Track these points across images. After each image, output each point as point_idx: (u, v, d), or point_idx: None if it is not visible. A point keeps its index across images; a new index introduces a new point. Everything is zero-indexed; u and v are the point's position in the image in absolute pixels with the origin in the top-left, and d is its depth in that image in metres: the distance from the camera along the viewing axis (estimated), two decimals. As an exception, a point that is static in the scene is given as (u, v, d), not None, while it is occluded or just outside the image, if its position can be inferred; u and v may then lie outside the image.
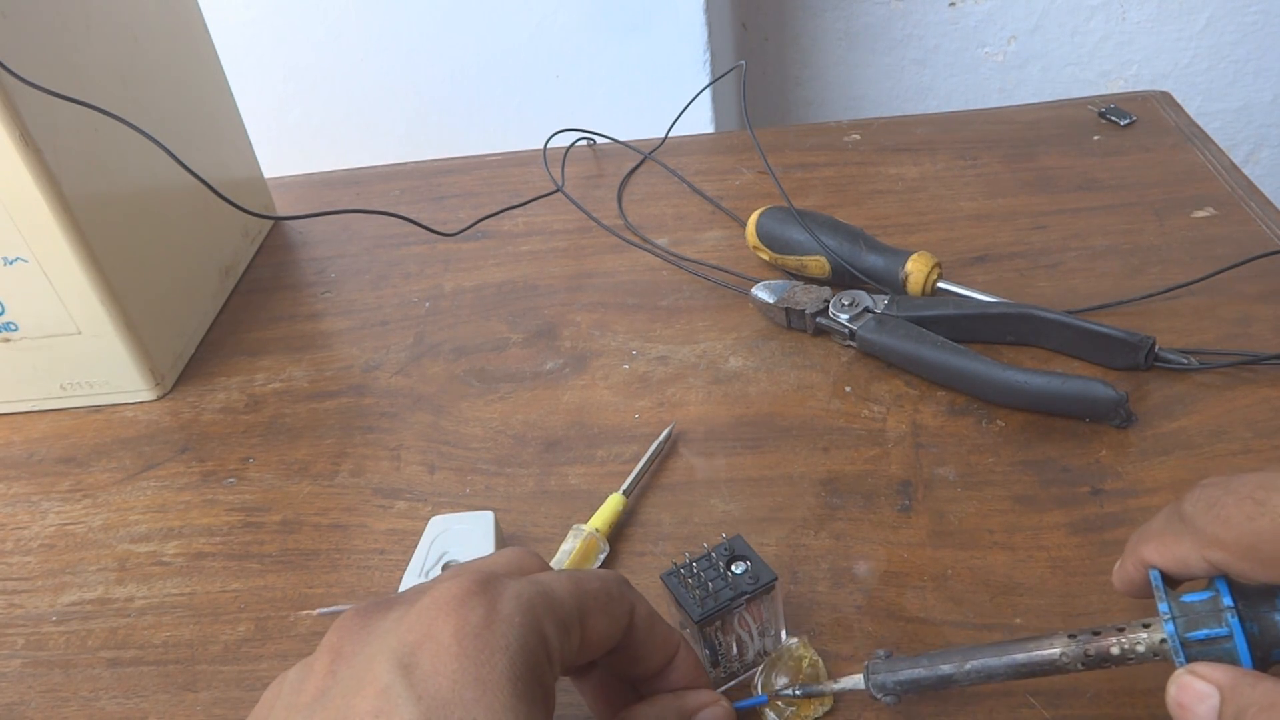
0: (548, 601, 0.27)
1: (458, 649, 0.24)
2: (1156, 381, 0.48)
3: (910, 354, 0.50)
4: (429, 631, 0.25)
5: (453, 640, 0.25)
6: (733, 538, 0.37)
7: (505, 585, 0.27)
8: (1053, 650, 0.31)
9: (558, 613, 0.27)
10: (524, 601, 0.26)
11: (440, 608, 0.25)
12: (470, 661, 0.24)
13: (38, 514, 0.52)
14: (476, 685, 0.24)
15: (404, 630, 0.25)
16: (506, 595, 0.26)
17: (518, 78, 1.04)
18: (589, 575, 0.30)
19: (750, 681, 0.37)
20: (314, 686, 0.26)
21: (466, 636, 0.25)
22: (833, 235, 0.57)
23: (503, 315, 0.61)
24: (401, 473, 0.51)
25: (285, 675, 0.28)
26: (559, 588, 0.28)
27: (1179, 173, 0.64)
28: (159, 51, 0.61)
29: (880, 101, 1.26)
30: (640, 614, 0.31)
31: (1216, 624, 0.29)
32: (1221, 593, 0.29)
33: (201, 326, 0.63)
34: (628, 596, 0.31)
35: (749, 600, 0.35)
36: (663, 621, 0.32)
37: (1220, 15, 1.16)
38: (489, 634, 0.25)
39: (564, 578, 0.29)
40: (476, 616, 0.25)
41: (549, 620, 0.27)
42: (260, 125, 0.76)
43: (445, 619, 0.25)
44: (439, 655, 0.24)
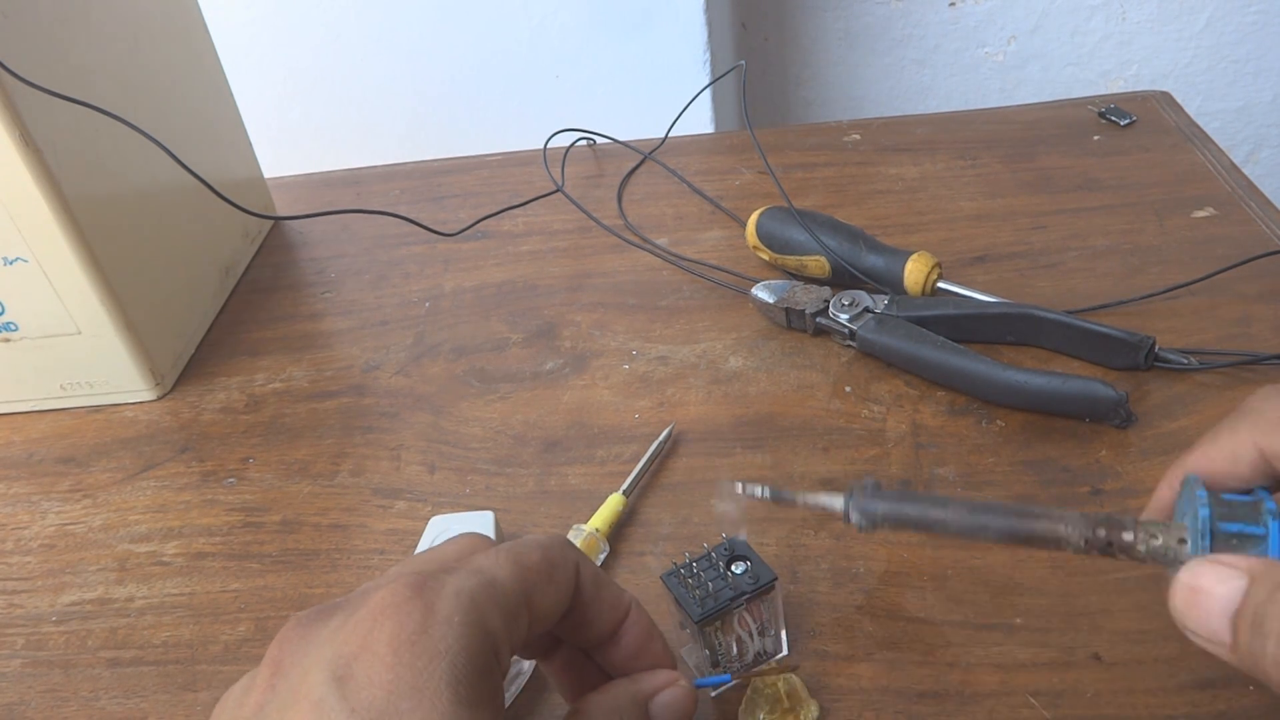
0: (490, 592, 0.26)
1: (393, 658, 0.24)
2: (1156, 381, 0.48)
3: (910, 354, 0.50)
4: (365, 641, 0.24)
5: (388, 649, 0.24)
6: (733, 537, 0.37)
7: (444, 583, 0.26)
8: (1058, 524, 0.29)
9: (502, 601, 0.27)
10: (464, 599, 0.26)
11: (376, 614, 0.25)
12: (406, 670, 0.24)
13: (38, 514, 0.52)
14: (413, 694, 0.23)
15: (340, 641, 0.25)
16: (445, 594, 0.26)
17: (518, 78, 1.04)
18: (528, 547, 0.29)
19: (747, 682, 0.37)
20: (254, 701, 0.25)
21: (402, 644, 0.24)
22: (833, 235, 0.57)
23: (503, 315, 0.61)
24: (401, 473, 0.51)
25: (231, 689, 0.27)
26: (502, 572, 0.27)
27: (1179, 173, 0.64)
28: (159, 51, 0.61)
29: (880, 101, 1.26)
30: (585, 574, 0.30)
31: (1255, 522, 0.26)
32: (1265, 498, 0.27)
33: (201, 326, 0.63)
34: (570, 558, 0.30)
35: (749, 600, 0.35)
36: (610, 584, 0.31)
37: (1220, 15, 1.16)
38: (426, 639, 0.24)
39: (505, 558, 0.28)
40: (413, 622, 0.24)
41: (493, 612, 0.26)
42: (260, 125, 0.76)
43: (381, 626, 0.24)
44: (373, 665, 0.24)
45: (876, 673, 0.37)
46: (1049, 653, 0.37)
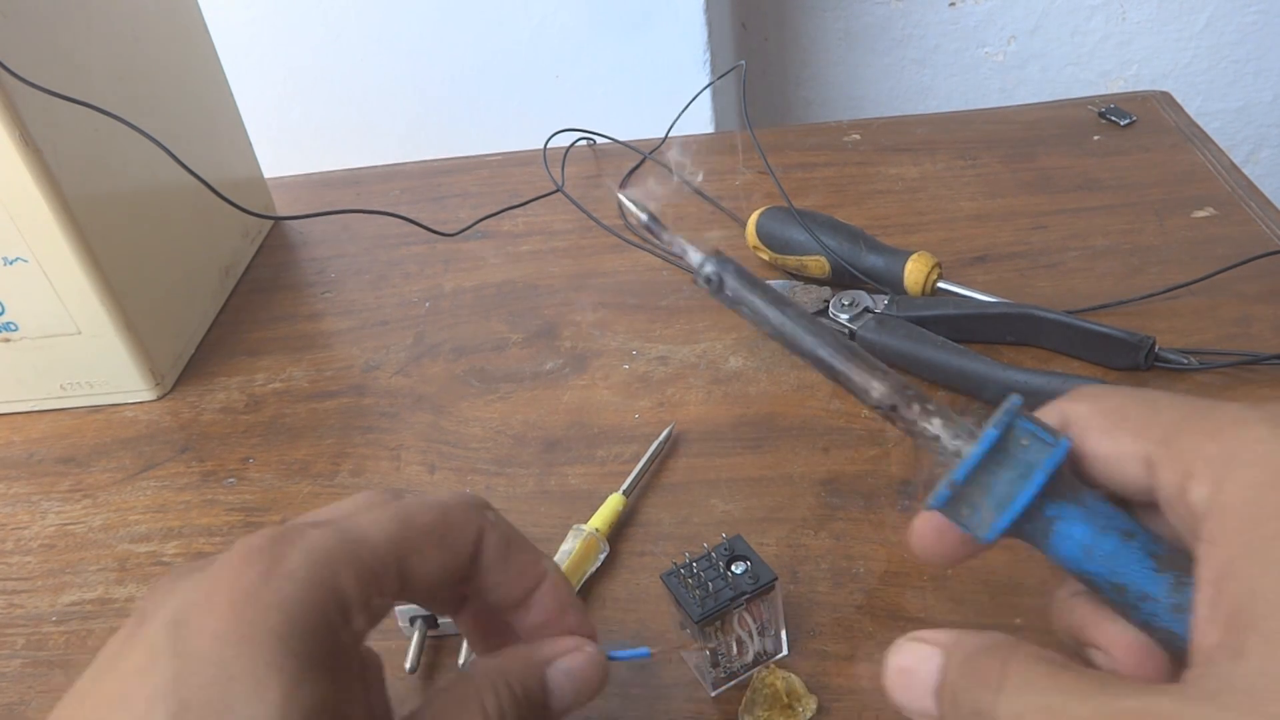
0: (350, 550, 0.26)
1: (228, 608, 0.24)
2: (1156, 381, 0.48)
3: (910, 354, 0.50)
4: (208, 590, 0.25)
5: (224, 598, 0.24)
6: (733, 538, 0.37)
7: (301, 537, 0.26)
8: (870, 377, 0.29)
9: (363, 560, 0.26)
10: (316, 554, 0.25)
11: (225, 565, 0.25)
12: (237, 619, 0.24)
13: (38, 514, 0.52)
14: (240, 644, 0.23)
15: (189, 589, 0.25)
16: (297, 548, 0.25)
17: (518, 78, 1.04)
18: (424, 507, 0.28)
19: (747, 682, 0.37)
20: (111, 650, 0.26)
21: (239, 594, 0.24)
22: (833, 235, 0.57)
23: (503, 315, 0.61)
24: (401, 473, 0.51)
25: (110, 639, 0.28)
26: (375, 530, 0.27)
27: (1179, 173, 0.64)
28: (159, 51, 0.61)
29: (880, 101, 1.26)
30: (491, 541, 0.29)
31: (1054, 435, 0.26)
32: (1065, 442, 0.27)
33: (201, 326, 0.63)
34: (474, 523, 0.29)
35: (749, 600, 0.35)
36: (525, 549, 0.31)
37: (1220, 15, 1.16)
38: (264, 590, 0.24)
39: (388, 515, 0.28)
40: (255, 572, 0.24)
41: (347, 570, 0.26)
42: (260, 125, 0.76)
43: (224, 577, 0.25)
44: (209, 614, 0.24)
45: (876, 673, 0.37)
46: (1049, 653, 0.37)
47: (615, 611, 0.41)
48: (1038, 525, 0.26)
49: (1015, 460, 0.26)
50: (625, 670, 0.39)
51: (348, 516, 0.28)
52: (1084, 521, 0.26)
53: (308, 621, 0.24)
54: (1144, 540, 0.26)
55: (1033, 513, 0.26)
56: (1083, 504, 0.26)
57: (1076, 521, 0.26)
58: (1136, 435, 0.26)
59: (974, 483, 0.27)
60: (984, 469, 0.27)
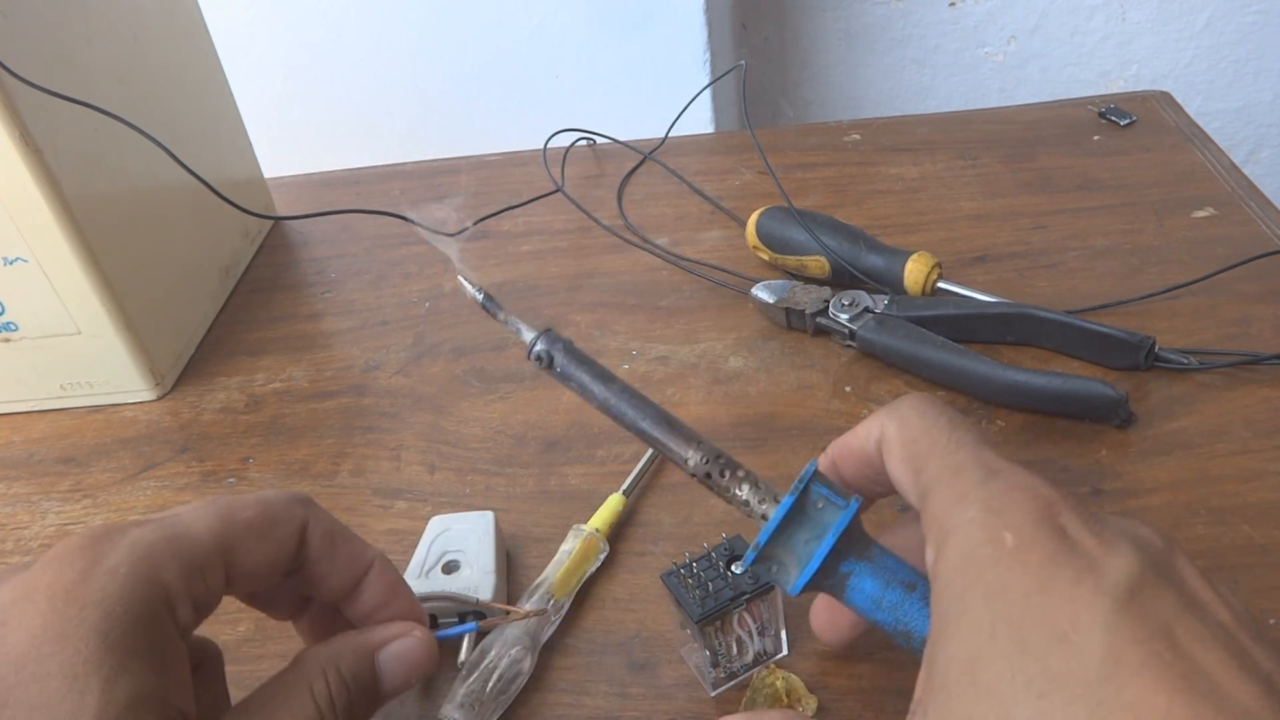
0: (171, 546, 0.27)
1: (46, 605, 0.24)
2: (1156, 381, 0.48)
3: (910, 354, 0.50)
4: (29, 588, 0.25)
5: (43, 596, 0.24)
6: (733, 537, 0.37)
7: (123, 534, 0.26)
8: (687, 447, 0.32)
9: (185, 555, 0.27)
10: (137, 550, 0.26)
11: (45, 566, 0.25)
12: (56, 616, 0.24)
13: (38, 514, 0.52)
14: (58, 640, 0.24)
15: (8, 590, 0.25)
16: (119, 546, 0.26)
17: (518, 78, 1.04)
18: (245, 502, 0.29)
19: (747, 682, 0.37)
20: None
21: (58, 592, 0.24)
22: (833, 235, 0.57)
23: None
24: (401, 473, 0.51)
25: None
26: (197, 525, 0.28)
27: (1179, 173, 0.64)
28: (159, 51, 0.61)
29: (880, 101, 1.26)
30: (315, 533, 0.30)
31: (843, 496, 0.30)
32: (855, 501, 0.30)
33: (201, 326, 0.63)
34: (297, 516, 0.30)
35: (749, 600, 0.35)
36: (350, 540, 0.31)
37: (1220, 15, 1.16)
38: (83, 588, 0.25)
39: (209, 511, 0.28)
40: (74, 571, 0.25)
41: (170, 566, 0.26)
42: (260, 125, 0.76)
43: (44, 575, 0.25)
44: (27, 611, 0.24)
45: (876, 673, 0.37)
46: None
47: (615, 611, 0.41)
48: (834, 580, 0.29)
49: (812, 521, 0.30)
50: (625, 670, 0.39)
51: (171, 514, 0.28)
52: (872, 576, 0.29)
53: (129, 615, 0.25)
54: (923, 590, 0.29)
55: (828, 569, 0.29)
56: (871, 559, 0.29)
57: (866, 576, 0.29)
58: (915, 476, 0.29)
59: (777, 544, 0.30)
60: (784, 531, 0.30)
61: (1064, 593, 0.23)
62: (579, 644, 0.40)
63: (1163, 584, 0.24)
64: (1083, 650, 0.22)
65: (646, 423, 0.32)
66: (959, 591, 0.25)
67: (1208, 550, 0.40)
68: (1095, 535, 0.25)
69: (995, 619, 0.23)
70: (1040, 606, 0.23)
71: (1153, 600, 0.23)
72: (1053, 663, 0.22)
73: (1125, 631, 0.22)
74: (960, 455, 0.28)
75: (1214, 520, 0.41)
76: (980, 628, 0.24)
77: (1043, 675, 0.22)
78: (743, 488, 0.31)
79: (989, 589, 0.24)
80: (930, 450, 0.29)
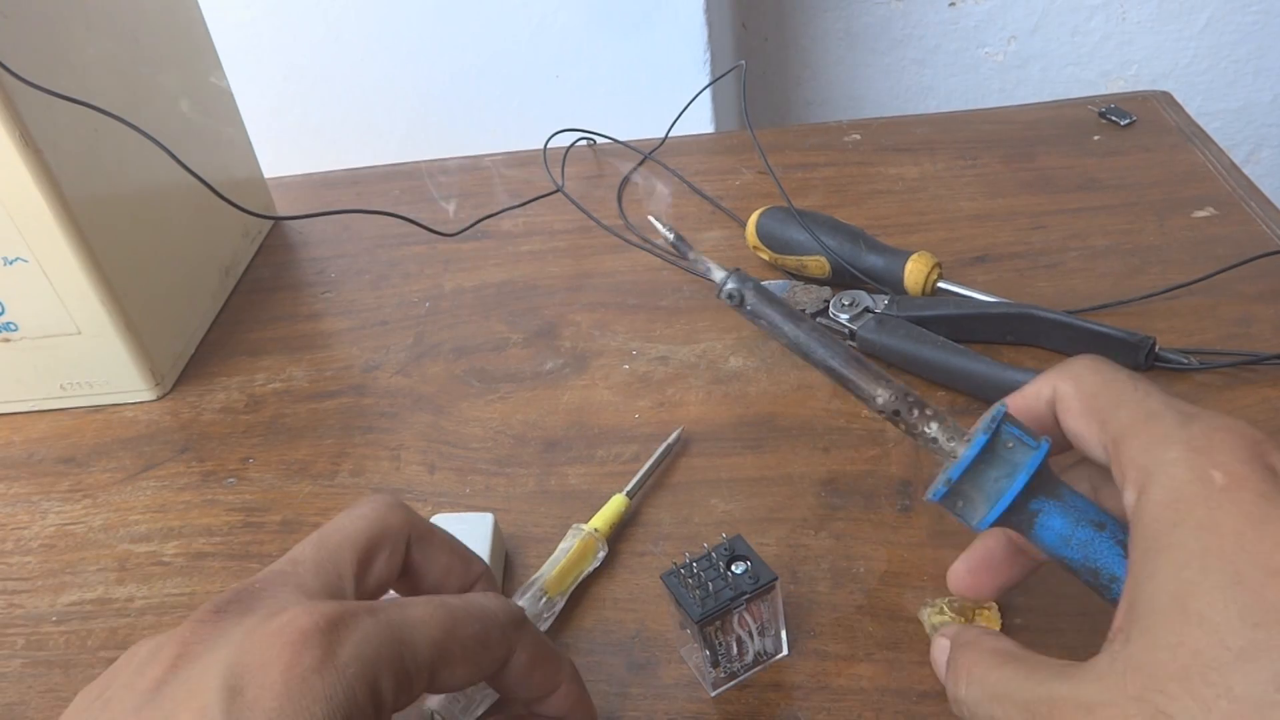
0: (396, 651, 0.27)
1: (283, 688, 0.25)
2: (1157, 382, 0.48)
3: (910, 354, 0.50)
4: (264, 660, 0.25)
5: (280, 678, 0.25)
6: (733, 538, 0.37)
7: (355, 627, 0.26)
8: (875, 385, 0.32)
9: (403, 664, 0.27)
10: (368, 650, 0.26)
11: (283, 638, 0.26)
12: (291, 705, 0.24)
13: (38, 514, 0.52)
14: None
15: (244, 650, 0.25)
16: (351, 640, 0.26)
17: (518, 78, 1.04)
18: (471, 616, 0.29)
19: (747, 683, 0.37)
20: (153, 676, 0.26)
21: (294, 678, 0.25)
22: (833, 235, 0.57)
23: (503, 315, 0.61)
24: (401, 473, 0.51)
25: (138, 648, 0.28)
26: (421, 633, 0.27)
27: (1179, 173, 0.64)
28: (159, 51, 0.61)
29: (880, 101, 1.26)
30: (519, 660, 0.30)
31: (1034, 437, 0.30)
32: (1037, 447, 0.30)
33: (201, 326, 0.63)
34: (508, 643, 0.30)
35: (749, 600, 0.35)
36: (548, 661, 0.31)
37: (1220, 15, 1.16)
38: (316, 679, 0.25)
39: (436, 616, 0.28)
40: (311, 658, 0.25)
41: (388, 674, 0.26)
42: (260, 125, 0.76)
43: (282, 652, 0.25)
44: (263, 690, 0.25)
45: (876, 673, 0.37)
46: (1050, 654, 0.37)
47: (615, 611, 0.41)
48: (1022, 517, 0.30)
49: (1002, 460, 0.30)
50: (625, 670, 0.39)
51: (400, 608, 0.28)
52: (1061, 514, 0.30)
53: (346, 716, 0.25)
54: (1113, 529, 0.29)
55: (1018, 506, 0.30)
56: (1060, 498, 0.30)
57: (1055, 514, 0.30)
58: (1101, 426, 0.29)
59: (967, 480, 0.30)
60: (975, 468, 0.30)
61: (1278, 531, 0.24)
62: (579, 644, 0.40)
63: None
64: None
65: (836, 360, 0.33)
66: (1167, 528, 0.25)
67: (1208, 550, 0.40)
68: None
69: (1207, 553, 0.24)
70: (1255, 542, 0.24)
71: None
72: (1269, 595, 0.23)
73: None
74: (1151, 402, 0.28)
75: (1214, 520, 0.41)
76: (1190, 561, 0.24)
77: (1258, 606, 0.23)
78: (931, 425, 0.31)
79: (1200, 525, 0.24)
80: (1117, 401, 0.29)
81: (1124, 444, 0.28)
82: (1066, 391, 0.31)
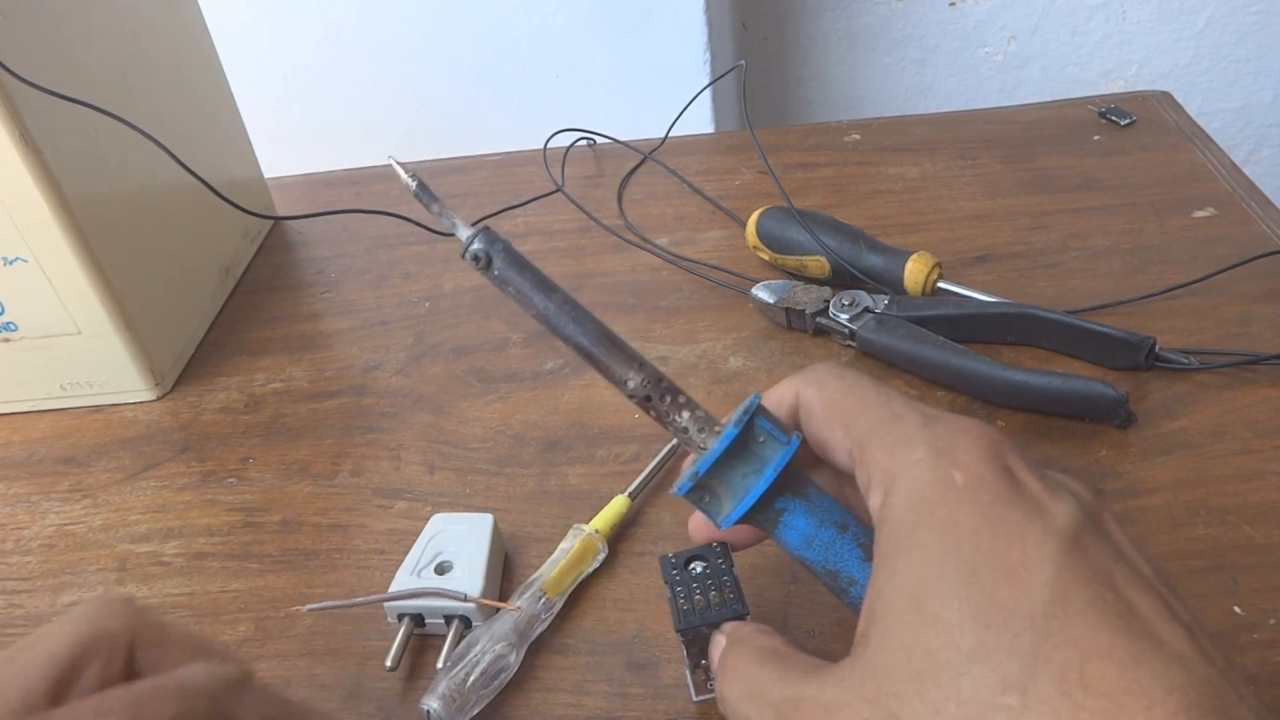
0: None
1: None
2: (1156, 381, 0.48)
3: (910, 354, 0.50)
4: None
5: None
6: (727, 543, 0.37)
7: None
8: (627, 368, 0.30)
9: None
10: None
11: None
12: None
13: (38, 514, 0.52)
14: None
15: None
16: None
17: (518, 78, 1.04)
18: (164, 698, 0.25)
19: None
20: None
21: None
22: (833, 235, 0.57)
23: (503, 315, 0.61)
24: (401, 473, 0.51)
25: None
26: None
27: (1179, 173, 0.64)
28: (159, 51, 0.61)
29: (880, 101, 1.26)
30: None
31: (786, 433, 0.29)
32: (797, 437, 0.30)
33: (201, 326, 0.63)
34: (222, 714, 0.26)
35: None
36: None
37: (1220, 15, 1.16)
38: None
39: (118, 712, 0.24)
40: None
41: None
42: (260, 125, 0.76)
43: None
44: None
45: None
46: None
47: (615, 611, 0.41)
48: (768, 515, 0.29)
49: (752, 455, 0.29)
50: (625, 670, 0.39)
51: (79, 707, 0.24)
52: (806, 514, 0.29)
53: None
54: (855, 532, 0.29)
55: (764, 504, 0.29)
56: (807, 497, 0.29)
57: (800, 514, 0.29)
58: (845, 430, 0.29)
59: (714, 475, 0.29)
60: (724, 462, 0.29)
61: (1013, 532, 0.24)
62: (579, 644, 0.40)
63: (1099, 533, 0.25)
64: (1030, 586, 0.23)
65: (587, 339, 0.30)
66: (908, 530, 0.25)
67: (1208, 550, 0.40)
68: (1040, 480, 0.26)
69: (944, 552, 0.24)
70: (990, 542, 0.24)
71: (1093, 546, 0.24)
72: (1000, 595, 0.23)
73: (1070, 573, 0.23)
74: (894, 406, 0.29)
75: (1214, 520, 0.41)
76: (929, 561, 0.24)
77: (990, 607, 0.23)
78: (683, 414, 0.30)
79: (939, 525, 0.25)
80: (860, 406, 0.29)
81: (868, 447, 0.28)
82: (810, 397, 0.30)
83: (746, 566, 0.42)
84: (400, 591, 0.40)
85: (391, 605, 0.40)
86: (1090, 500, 0.27)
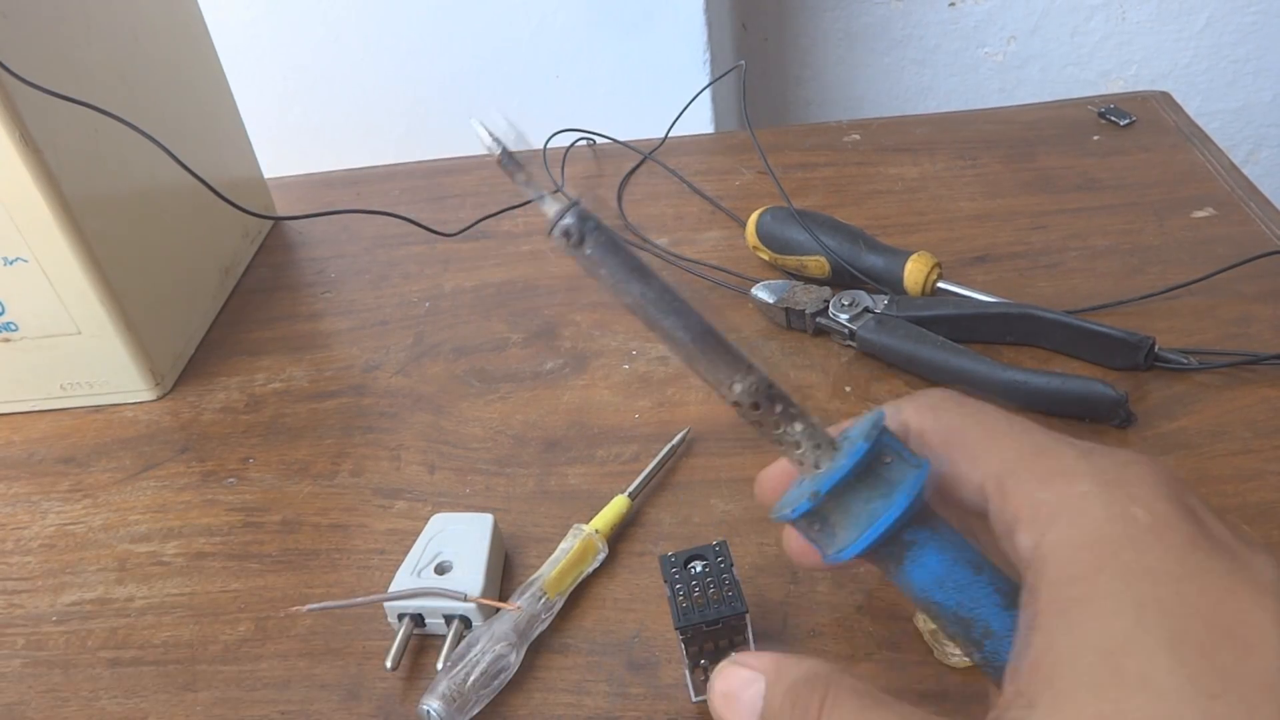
0: None
1: None
2: (1156, 381, 0.48)
3: (910, 354, 0.50)
4: None
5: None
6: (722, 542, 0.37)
7: None
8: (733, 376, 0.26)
9: None
10: None
11: None
12: None
13: (38, 514, 0.52)
14: None
15: None
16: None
17: (518, 78, 1.04)
18: None
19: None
20: None
21: None
22: (833, 235, 0.57)
23: (503, 315, 0.61)
24: (401, 473, 0.51)
25: None
26: None
27: (1179, 173, 0.64)
28: (159, 51, 0.61)
29: (880, 101, 1.26)
30: None
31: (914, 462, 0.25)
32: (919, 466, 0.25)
33: (201, 326, 0.63)
34: None
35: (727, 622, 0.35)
36: None
37: (1220, 15, 1.16)
38: None
39: None
40: None
41: None
42: (260, 125, 0.76)
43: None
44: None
45: (876, 673, 0.37)
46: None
47: (615, 611, 0.41)
48: (893, 549, 0.25)
49: (877, 479, 0.24)
50: (625, 670, 0.39)
51: None
52: (939, 551, 0.24)
53: None
54: (991, 575, 0.25)
55: (891, 536, 0.24)
56: (938, 531, 0.25)
57: (932, 550, 0.24)
58: (973, 463, 0.25)
59: (834, 497, 0.25)
60: (847, 483, 0.24)
61: (1221, 584, 0.21)
62: (579, 644, 0.40)
63: None
64: (1255, 649, 0.20)
65: (688, 334, 0.26)
66: (1086, 573, 0.21)
67: (1208, 550, 0.40)
68: (1226, 525, 0.22)
69: (1143, 605, 0.21)
70: (1196, 595, 0.21)
71: None
72: (1223, 660, 0.20)
73: None
74: (1036, 436, 0.25)
75: (1214, 520, 0.41)
76: (1121, 612, 0.21)
77: (1211, 672, 0.20)
78: (794, 426, 0.25)
79: (1127, 569, 0.21)
80: (989, 435, 0.25)
81: (1012, 479, 0.24)
82: (923, 424, 0.26)
83: (746, 566, 0.42)
84: (400, 591, 0.40)
85: (391, 605, 0.41)
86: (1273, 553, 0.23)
